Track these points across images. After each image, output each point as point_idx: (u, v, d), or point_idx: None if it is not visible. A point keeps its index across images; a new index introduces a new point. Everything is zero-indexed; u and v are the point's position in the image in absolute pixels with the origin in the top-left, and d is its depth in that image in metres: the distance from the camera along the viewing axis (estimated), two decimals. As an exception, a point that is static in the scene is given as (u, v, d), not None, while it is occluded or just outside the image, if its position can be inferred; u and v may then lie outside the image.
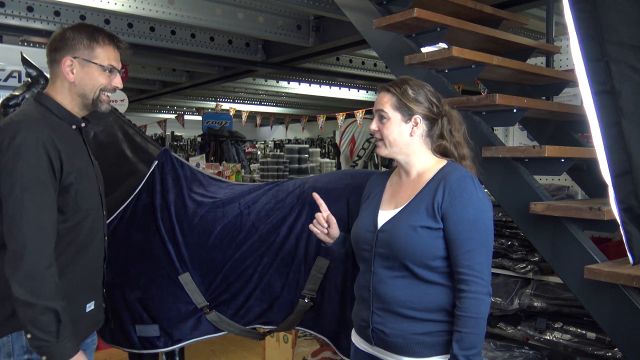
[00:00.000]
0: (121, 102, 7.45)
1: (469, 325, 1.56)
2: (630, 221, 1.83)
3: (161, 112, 13.85)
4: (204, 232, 2.42)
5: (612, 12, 1.83)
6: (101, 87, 1.80)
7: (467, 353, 1.55)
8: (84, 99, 1.80)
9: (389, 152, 1.75)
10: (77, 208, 1.72)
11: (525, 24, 3.25)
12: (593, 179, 2.61)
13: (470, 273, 1.57)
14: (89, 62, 1.76)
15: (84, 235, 1.77)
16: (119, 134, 2.57)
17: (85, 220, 1.77)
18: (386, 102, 1.73)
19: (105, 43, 1.80)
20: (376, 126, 1.75)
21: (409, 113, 1.71)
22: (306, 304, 2.32)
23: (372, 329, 1.70)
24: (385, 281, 1.68)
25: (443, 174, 1.67)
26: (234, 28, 5.36)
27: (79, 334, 1.79)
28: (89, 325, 1.87)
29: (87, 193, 1.77)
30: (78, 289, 1.77)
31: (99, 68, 1.78)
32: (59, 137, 1.68)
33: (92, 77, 1.78)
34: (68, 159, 1.68)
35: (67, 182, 1.67)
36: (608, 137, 1.84)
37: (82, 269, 1.79)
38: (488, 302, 1.59)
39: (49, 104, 1.76)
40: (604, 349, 2.41)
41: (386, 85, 1.75)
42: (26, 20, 4.93)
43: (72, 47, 1.75)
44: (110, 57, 1.81)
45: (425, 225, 1.62)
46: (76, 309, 1.76)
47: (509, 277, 2.83)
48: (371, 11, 2.78)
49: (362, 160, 10.51)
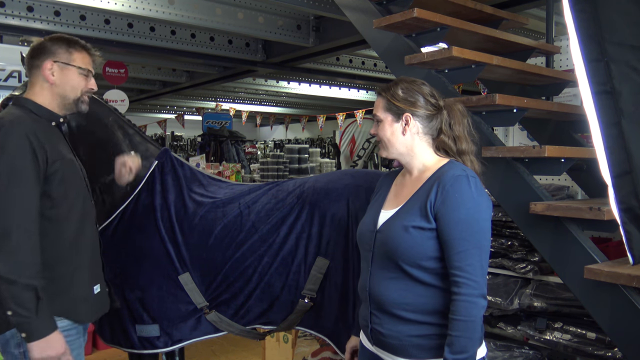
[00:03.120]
0: (121, 102, 7.46)
1: (460, 328, 1.52)
2: (630, 221, 1.83)
3: (161, 112, 13.85)
4: (204, 232, 2.42)
5: (612, 12, 1.83)
6: (81, 89, 1.99)
7: (458, 357, 1.51)
8: (64, 99, 1.97)
9: (388, 153, 1.77)
10: (65, 194, 1.88)
11: (525, 24, 3.25)
12: (593, 179, 2.61)
13: (461, 275, 1.54)
14: (68, 64, 1.95)
15: (77, 220, 1.93)
16: (118, 134, 2.57)
17: (75, 206, 1.92)
18: (377, 105, 1.77)
19: (82, 49, 2.00)
20: (374, 130, 1.79)
21: (398, 112, 1.72)
22: (306, 304, 2.32)
23: (370, 329, 1.71)
24: (380, 282, 1.67)
25: (439, 173, 1.64)
26: (234, 28, 5.36)
27: (88, 314, 1.99)
28: (98, 308, 2.04)
29: (74, 180, 1.93)
30: (80, 272, 1.94)
31: (77, 70, 1.96)
32: (41, 130, 1.85)
33: (71, 78, 1.95)
34: (52, 148, 1.84)
35: (53, 168, 1.83)
36: (608, 137, 1.84)
37: (84, 251, 1.95)
38: (481, 304, 1.54)
39: (28, 105, 1.92)
40: (604, 349, 2.41)
41: (378, 90, 1.79)
42: (26, 20, 4.93)
43: (52, 52, 1.93)
44: (86, 62, 2.00)
45: (417, 225, 1.59)
46: (81, 290, 1.94)
47: (509, 277, 2.83)
48: (371, 11, 2.78)
49: (362, 160, 10.51)
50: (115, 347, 2.50)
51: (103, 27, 5.36)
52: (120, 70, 7.22)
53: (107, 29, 5.40)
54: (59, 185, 1.84)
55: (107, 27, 5.39)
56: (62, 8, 5.07)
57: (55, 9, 5.05)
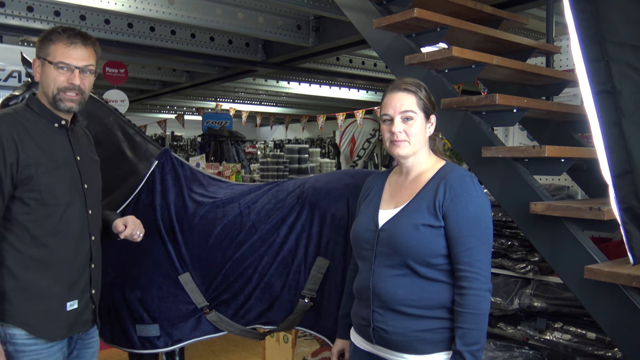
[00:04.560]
0: (121, 102, 7.46)
1: (472, 321, 1.58)
2: (630, 221, 1.83)
3: (161, 112, 13.84)
4: (204, 232, 2.42)
5: (612, 11, 1.83)
6: (57, 86, 1.81)
7: (471, 349, 1.57)
8: (47, 98, 1.84)
9: (411, 150, 1.75)
10: (42, 201, 1.75)
11: (525, 24, 3.25)
12: (593, 179, 2.61)
13: (471, 270, 1.60)
14: (44, 60, 1.82)
15: (52, 230, 1.78)
16: (119, 134, 2.57)
17: (54, 214, 1.78)
18: (408, 102, 1.74)
19: (58, 40, 1.79)
20: (401, 128, 1.73)
21: (427, 112, 1.77)
22: (306, 304, 2.32)
23: (373, 327, 1.71)
24: (386, 280, 1.69)
25: (443, 174, 1.71)
26: (234, 28, 5.37)
27: (58, 330, 1.82)
28: (72, 324, 1.87)
29: (57, 188, 1.79)
30: (50, 285, 1.79)
31: (50, 65, 1.80)
32: (27, 133, 1.76)
33: (47, 75, 1.82)
34: (28, 152, 1.73)
35: (24, 174, 1.72)
36: (608, 137, 1.84)
37: (53, 265, 1.79)
38: (489, 298, 1.62)
39: (33, 105, 1.85)
40: (604, 349, 2.41)
41: (405, 87, 1.76)
42: (26, 20, 4.93)
43: (38, 49, 1.83)
44: (62, 54, 1.79)
45: (427, 223, 1.64)
46: (49, 305, 1.79)
47: (509, 277, 2.83)
48: (371, 11, 2.78)
49: (362, 160, 10.51)
50: (115, 347, 2.49)
51: (103, 27, 5.36)
52: (120, 70, 7.23)
53: (107, 29, 5.40)
54: (33, 190, 1.73)
55: (107, 27, 5.39)
56: (62, 8, 5.07)
57: (55, 9, 5.04)
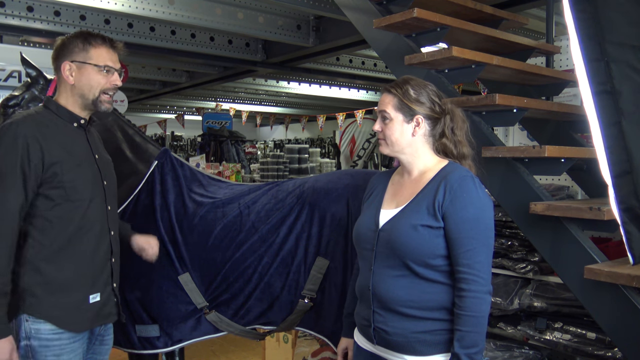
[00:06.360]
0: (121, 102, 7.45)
1: (470, 323, 1.57)
2: (630, 221, 1.83)
3: (161, 112, 13.84)
4: (203, 233, 2.42)
5: (612, 12, 1.83)
6: (100, 87, 1.92)
7: (468, 351, 1.55)
8: (84, 100, 1.93)
9: (390, 151, 1.77)
10: (68, 197, 1.84)
11: (525, 24, 3.25)
12: (593, 179, 2.61)
13: (470, 272, 1.58)
14: (84, 63, 1.91)
15: (76, 225, 1.87)
16: (118, 134, 2.57)
17: (77, 209, 1.87)
18: (388, 103, 1.75)
19: (99, 44, 1.93)
20: (379, 126, 1.77)
21: (411, 113, 1.73)
22: (306, 304, 2.32)
23: (373, 328, 1.71)
24: (385, 280, 1.68)
25: (444, 174, 1.68)
26: (234, 28, 5.36)
27: (83, 322, 1.91)
28: (96, 317, 1.95)
29: (80, 184, 1.88)
30: (73, 278, 1.87)
31: (94, 68, 1.92)
32: (50, 132, 1.84)
33: (88, 77, 1.91)
34: (52, 151, 1.82)
35: (50, 172, 1.81)
36: (608, 137, 1.84)
37: (76, 259, 1.88)
38: (488, 300, 1.60)
39: (51, 106, 1.93)
40: (604, 349, 2.41)
41: (388, 86, 1.77)
42: (26, 20, 4.92)
43: (69, 52, 1.90)
44: (105, 58, 1.94)
45: (426, 224, 1.63)
46: (73, 297, 1.87)
47: (509, 277, 2.83)
48: (371, 11, 2.78)
49: (362, 160, 10.50)
50: (115, 347, 2.48)
51: (103, 27, 5.36)
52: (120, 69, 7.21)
53: (107, 29, 5.39)
54: (58, 187, 1.82)
55: (107, 27, 5.39)
56: (62, 8, 5.06)
57: (55, 9, 5.04)
